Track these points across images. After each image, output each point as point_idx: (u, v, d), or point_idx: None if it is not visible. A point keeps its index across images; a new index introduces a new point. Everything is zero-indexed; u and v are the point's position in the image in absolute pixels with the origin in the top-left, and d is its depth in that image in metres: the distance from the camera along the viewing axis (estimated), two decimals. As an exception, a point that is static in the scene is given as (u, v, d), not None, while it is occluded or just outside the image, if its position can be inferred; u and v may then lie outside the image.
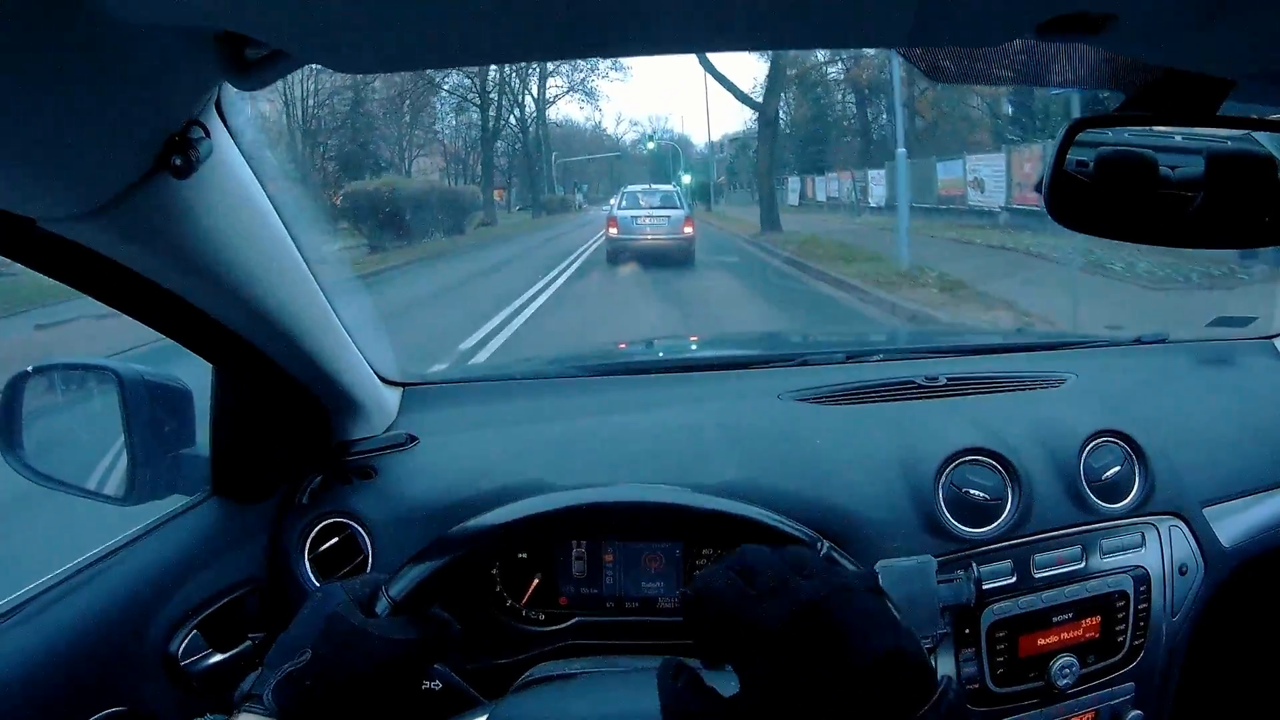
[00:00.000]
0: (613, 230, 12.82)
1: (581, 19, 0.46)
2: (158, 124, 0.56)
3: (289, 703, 0.62)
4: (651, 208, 13.26)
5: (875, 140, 25.95)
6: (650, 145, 46.81)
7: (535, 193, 33.86)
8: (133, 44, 0.46)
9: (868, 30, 0.52)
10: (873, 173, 20.79)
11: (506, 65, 21.71)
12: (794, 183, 28.59)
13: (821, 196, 25.91)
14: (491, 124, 28.66)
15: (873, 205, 19.84)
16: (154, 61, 0.49)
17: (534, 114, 32.69)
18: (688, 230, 12.61)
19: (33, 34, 0.41)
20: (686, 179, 40.13)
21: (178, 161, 0.58)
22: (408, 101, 25.66)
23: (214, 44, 0.51)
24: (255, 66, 0.53)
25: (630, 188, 15.43)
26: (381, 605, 0.68)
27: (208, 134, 0.60)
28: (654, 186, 15.86)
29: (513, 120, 31.79)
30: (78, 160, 0.54)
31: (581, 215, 31.56)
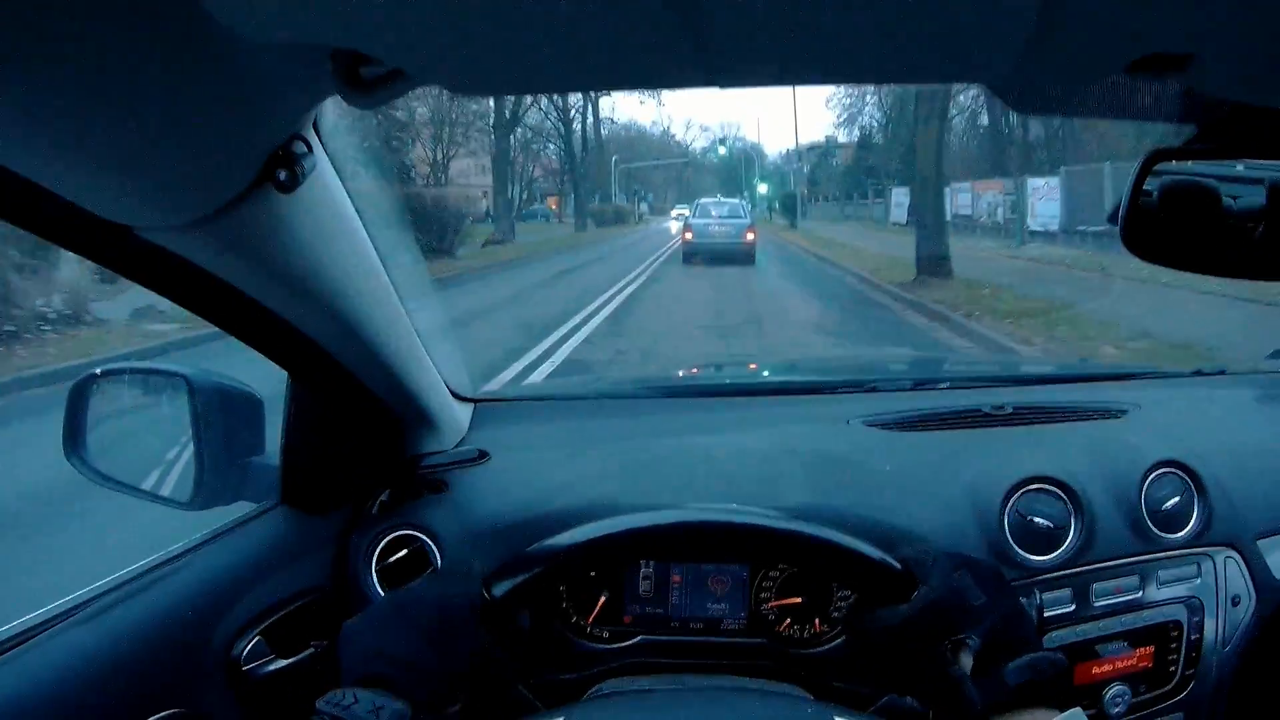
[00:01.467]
0: (688, 235, 15.87)
1: (693, 50, 0.47)
2: (264, 138, 0.57)
3: None
4: (720, 217, 16.09)
5: (1015, 140, 21.37)
6: (722, 150, 45.66)
7: (580, 200, 31.42)
8: (248, 58, 0.47)
9: (966, 68, 0.53)
10: (1035, 182, 15.59)
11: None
12: (898, 195, 23.88)
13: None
14: (510, 109, 24.45)
15: (1037, 229, 15.13)
16: (267, 76, 0.50)
17: (578, 106, 30.42)
18: (750, 237, 15.40)
19: (146, 43, 0.42)
20: (762, 189, 37.69)
21: (283, 176, 0.59)
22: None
23: (328, 60, 0.51)
24: (371, 85, 0.54)
25: (703, 200, 18.53)
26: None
27: (310, 149, 0.61)
28: (722, 200, 19.36)
29: (552, 112, 29.53)
30: (183, 171, 0.54)
31: (639, 229, 30.55)
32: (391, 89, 0.54)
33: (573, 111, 30.59)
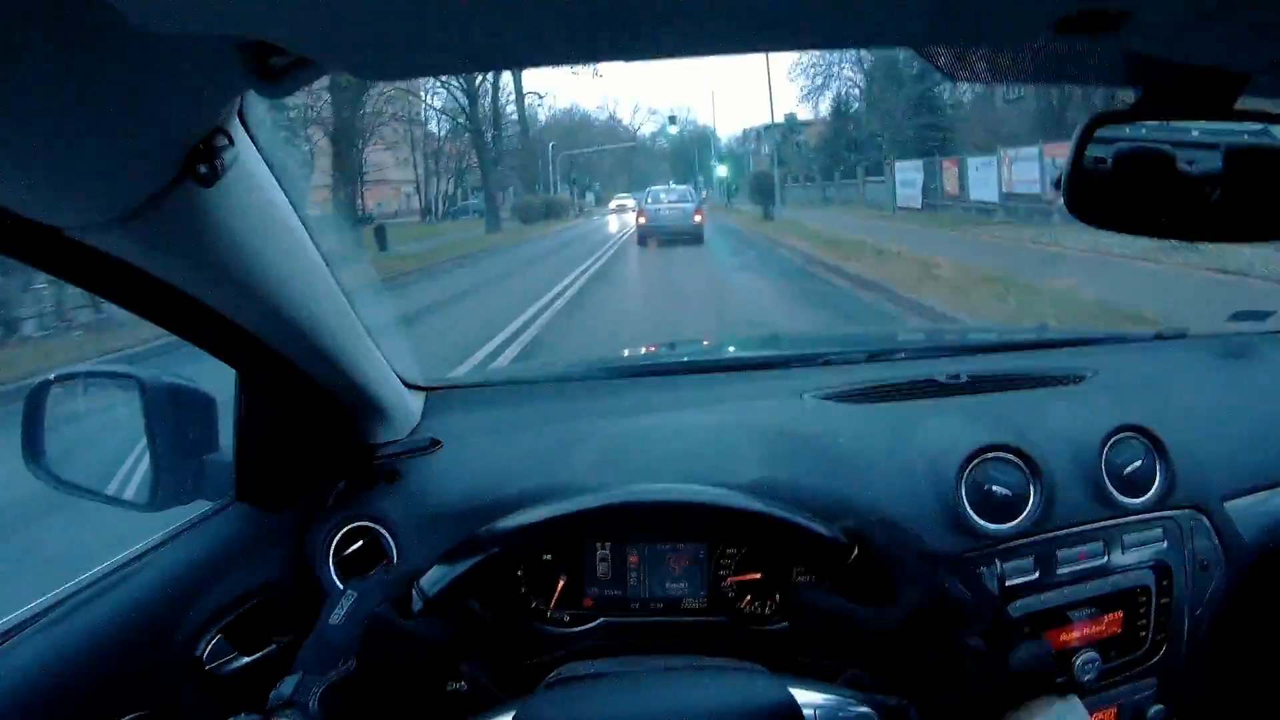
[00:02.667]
0: (641, 219, 17.77)
1: (604, 22, 0.47)
2: (183, 132, 0.57)
3: (337, 710, 0.63)
4: (671, 202, 17.95)
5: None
6: (673, 129, 42.98)
7: (490, 192, 27.37)
8: (158, 54, 0.46)
9: (884, 29, 0.53)
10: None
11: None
12: (907, 172, 19.34)
13: (985, 193, 15.04)
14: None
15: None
16: (179, 71, 0.50)
17: (488, 80, 26.61)
18: (698, 218, 17.19)
19: (56, 44, 0.42)
20: (722, 170, 33.74)
21: (203, 170, 0.59)
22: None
23: (239, 53, 0.51)
24: (280, 74, 0.53)
25: (654, 187, 20.50)
26: (416, 604, 0.69)
27: (232, 142, 0.61)
28: (673, 186, 21.12)
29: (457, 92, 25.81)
30: (104, 169, 0.54)
31: (575, 225, 27.73)
32: (300, 77, 0.54)
33: (481, 83, 26.47)
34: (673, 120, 43.29)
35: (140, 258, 0.66)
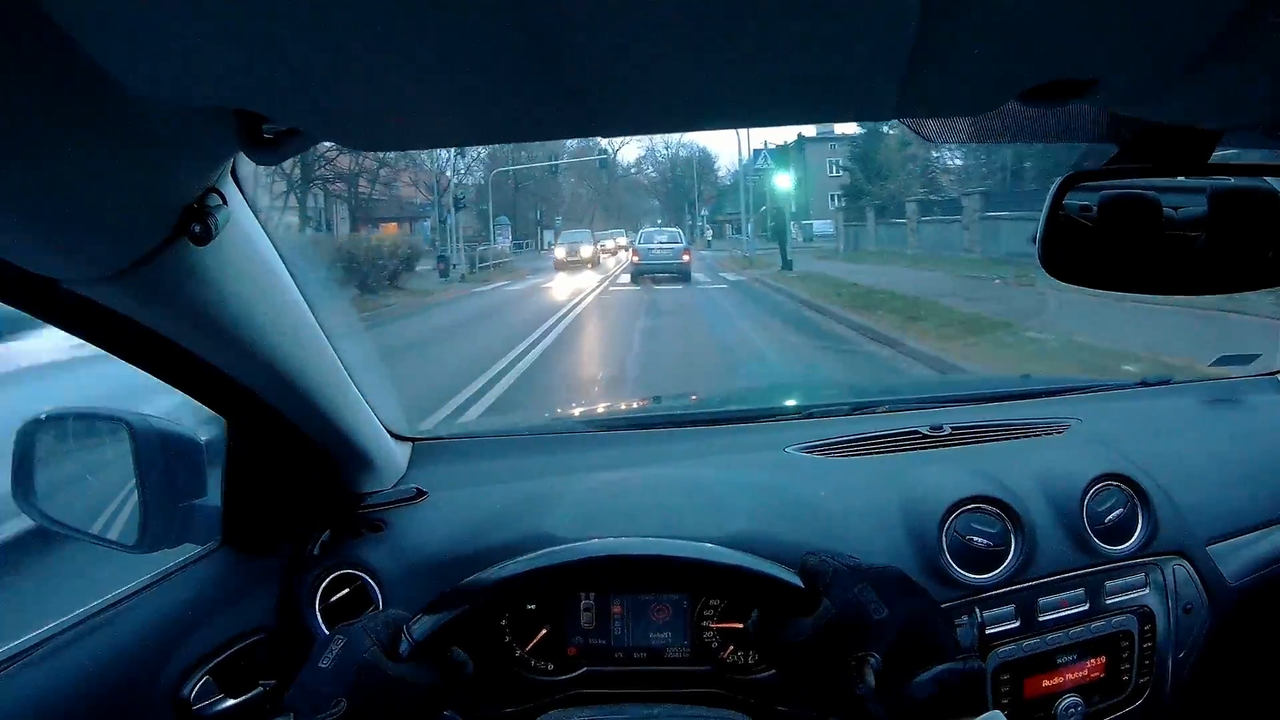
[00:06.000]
0: (635, 258, 19.16)
1: (580, 103, 0.48)
2: (177, 193, 0.59)
3: None
4: (662, 243, 19.18)
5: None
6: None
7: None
8: (153, 120, 0.48)
9: (855, 105, 0.54)
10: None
11: None
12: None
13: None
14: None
15: None
16: (174, 136, 0.51)
17: None
18: (685, 258, 18.52)
19: (56, 109, 0.43)
20: (783, 180, 21.42)
21: (197, 229, 0.60)
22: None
23: (232, 120, 0.53)
24: (272, 143, 0.55)
25: (646, 229, 22.26)
26: (404, 647, 0.70)
27: (225, 201, 0.62)
28: (663, 228, 23.19)
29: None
30: (100, 226, 0.56)
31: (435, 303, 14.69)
32: (291, 146, 0.56)
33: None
34: (604, 165, 35.27)
35: (134, 310, 0.67)
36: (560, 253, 24.15)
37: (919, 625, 0.73)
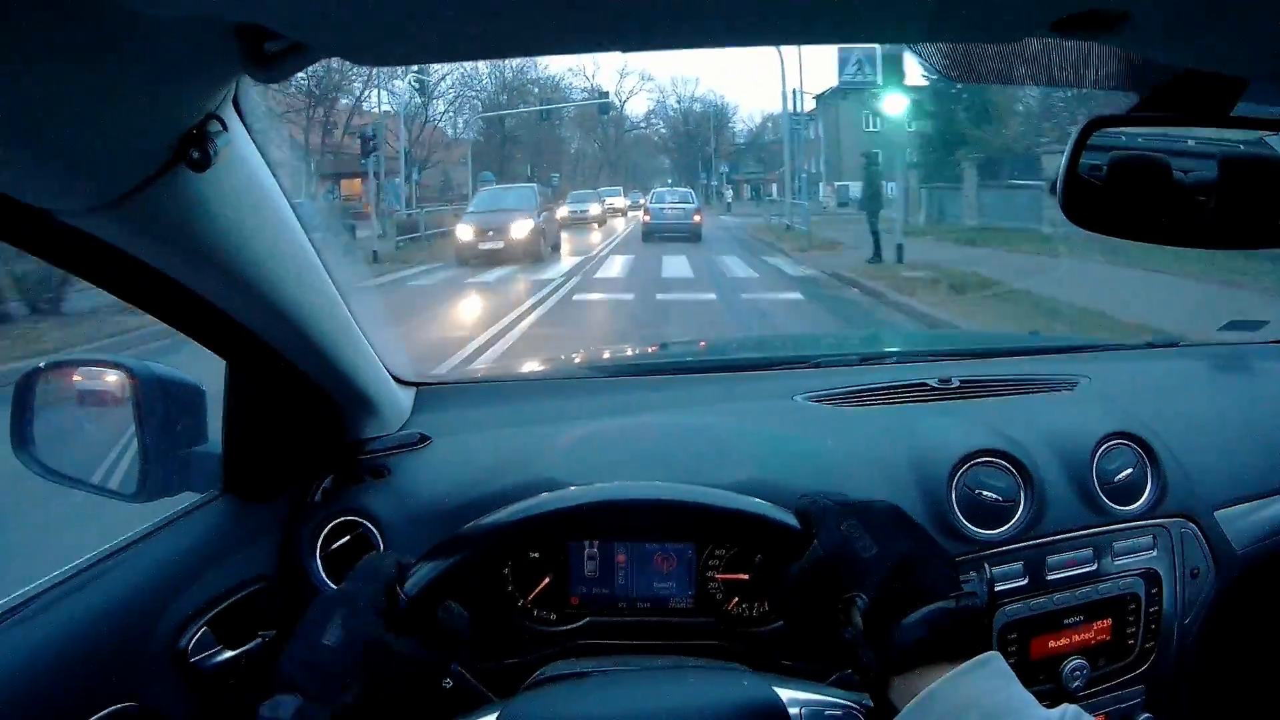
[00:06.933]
0: (646, 217, 18.79)
1: (597, 12, 0.47)
2: (175, 118, 0.57)
3: None
4: (672, 203, 19.15)
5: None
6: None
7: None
8: (151, 37, 0.46)
9: (883, 25, 0.53)
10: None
11: None
12: None
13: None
14: None
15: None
16: (173, 55, 0.50)
17: None
18: (697, 219, 18.08)
19: (48, 28, 0.42)
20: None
21: (195, 155, 0.58)
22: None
23: (233, 37, 0.51)
24: (274, 59, 0.53)
25: (657, 189, 22.16)
26: (401, 601, 0.68)
27: (225, 128, 0.61)
28: (674, 188, 22.52)
29: None
30: (95, 154, 0.54)
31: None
32: (295, 62, 0.54)
33: None
34: (604, 110, 31.36)
35: (131, 243, 0.66)
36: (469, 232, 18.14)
37: (910, 563, 0.68)
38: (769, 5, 0.47)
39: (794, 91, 21.35)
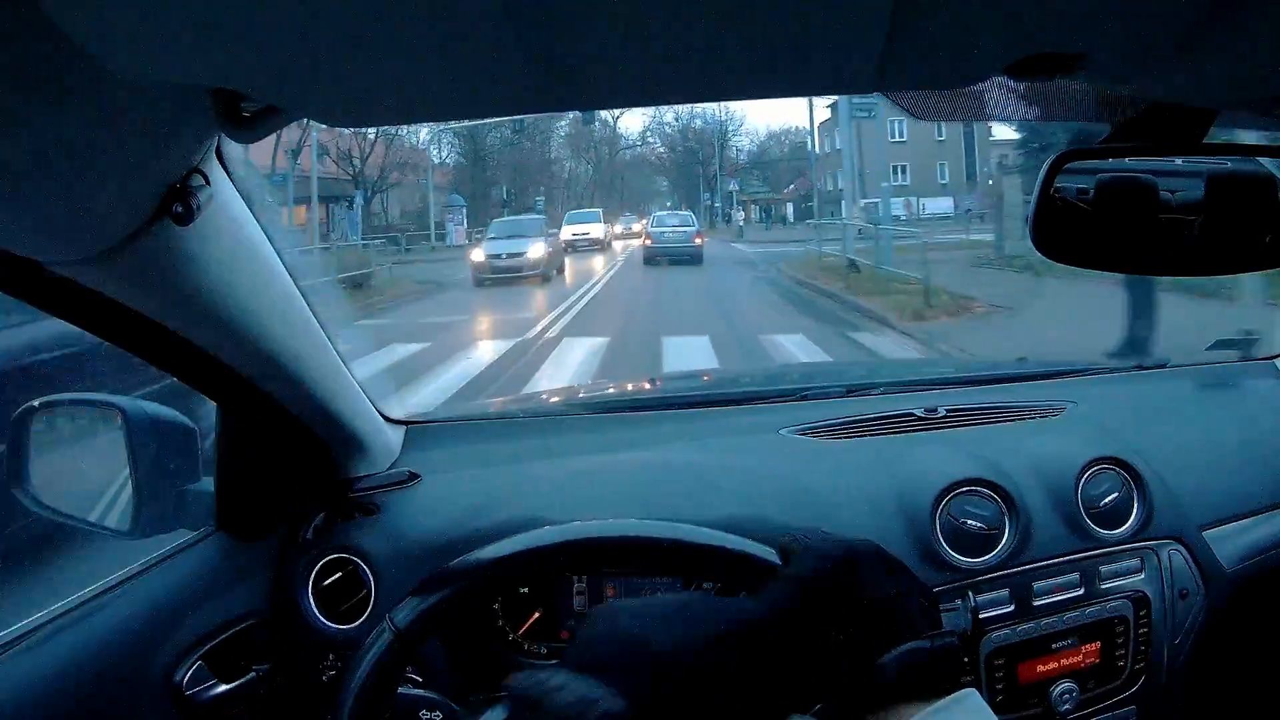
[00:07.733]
0: (647, 241, 18.68)
1: (559, 77, 0.48)
2: (159, 173, 0.58)
3: None
4: (673, 227, 19.03)
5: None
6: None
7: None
8: (133, 99, 0.48)
9: (835, 78, 0.54)
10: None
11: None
12: None
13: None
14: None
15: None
16: (154, 115, 0.51)
17: None
18: (698, 241, 17.93)
19: (35, 89, 0.43)
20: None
21: (179, 209, 0.60)
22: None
23: (210, 99, 0.52)
24: (250, 121, 0.55)
25: (659, 213, 22.12)
26: (386, 634, 0.69)
27: (208, 182, 0.62)
28: (674, 212, 22.97)
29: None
30: (82, 207, 0.55)
31: None
32: (271, 123, 0.55)
33: None
34: (587, 122, 29.75)
35: (121, 292, 0.67)
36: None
37: (888, 602, 0.68)
38: (719, 64, 0.48)
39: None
